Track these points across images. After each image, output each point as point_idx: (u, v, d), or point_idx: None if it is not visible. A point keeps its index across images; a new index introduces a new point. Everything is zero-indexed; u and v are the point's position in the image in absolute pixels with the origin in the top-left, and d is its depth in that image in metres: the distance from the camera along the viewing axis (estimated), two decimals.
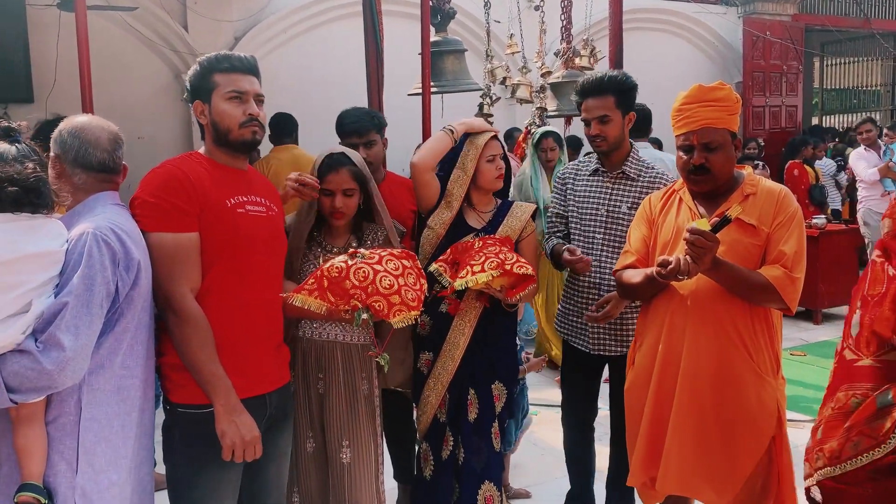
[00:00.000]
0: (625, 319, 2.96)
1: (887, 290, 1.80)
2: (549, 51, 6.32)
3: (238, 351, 2.13)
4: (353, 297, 2.22)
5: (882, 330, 1.79)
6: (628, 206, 2.94)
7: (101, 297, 1.81)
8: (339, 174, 2.61)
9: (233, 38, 7.50)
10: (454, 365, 2.87)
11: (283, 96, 7.16)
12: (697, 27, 10.38)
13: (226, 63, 2.17)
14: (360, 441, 2.64)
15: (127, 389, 1.93)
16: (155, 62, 7.29)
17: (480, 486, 2.88)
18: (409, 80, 4.86)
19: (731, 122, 2.45)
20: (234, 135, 2.16)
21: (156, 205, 2.04)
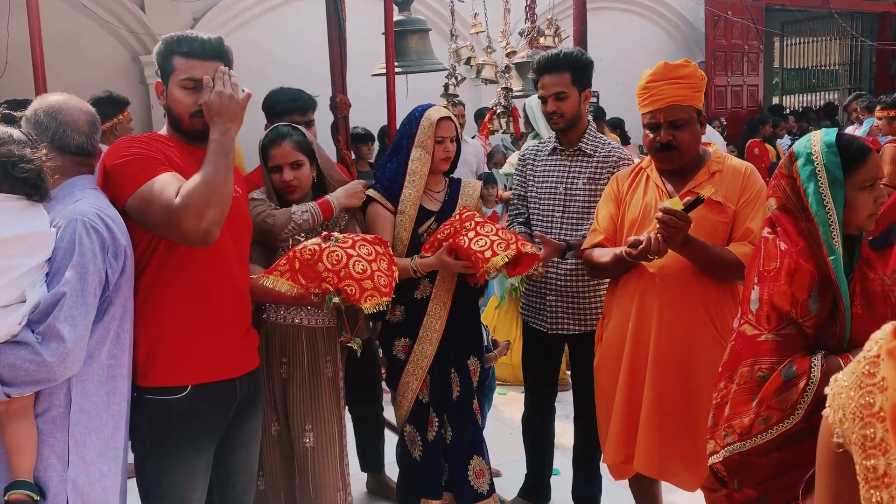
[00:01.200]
0: (583, 299, 2.99)
1: (781, 265, 1.85)
2: (514, 30, 6.29)
3: (207, 334, 2.10)
4: (325, 281, 2.20)
5: (781, 303, 1.83)
6: (584, 181, 2.95)
7: (95, 286, 1.77)
8: (282, 147, 2.59)
9: (191, 20, 7.34)
10: (433, 348, 2.90)
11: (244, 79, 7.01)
12: (660, 7, 10.43)
13: (186, 46, 2.07)
14: (323, 425, 2.63)
15: (115, 379, 1.90)
16: (111, 44, 7.12)
17: (469, 462, 2.93)
18: (372, 61, 4.80)
19: (696, 100, 2.47)
20: (184, 123, 2.10)
21: (128, 162, 1.95)
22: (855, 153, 1.83)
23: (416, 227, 2.91)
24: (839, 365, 1.74)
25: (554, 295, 3.00)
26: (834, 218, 1.80)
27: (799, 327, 1.83)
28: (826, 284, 1.81)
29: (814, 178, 1.82)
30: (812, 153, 1.84)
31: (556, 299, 3.00)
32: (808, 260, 1.82)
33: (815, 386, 1.76)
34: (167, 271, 2.04)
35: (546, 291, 3.01)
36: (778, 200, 1.92)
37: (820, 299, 1.82)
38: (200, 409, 2.10)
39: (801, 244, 1.84)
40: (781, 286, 1.84)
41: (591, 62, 3.01)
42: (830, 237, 1.80)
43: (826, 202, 1.81)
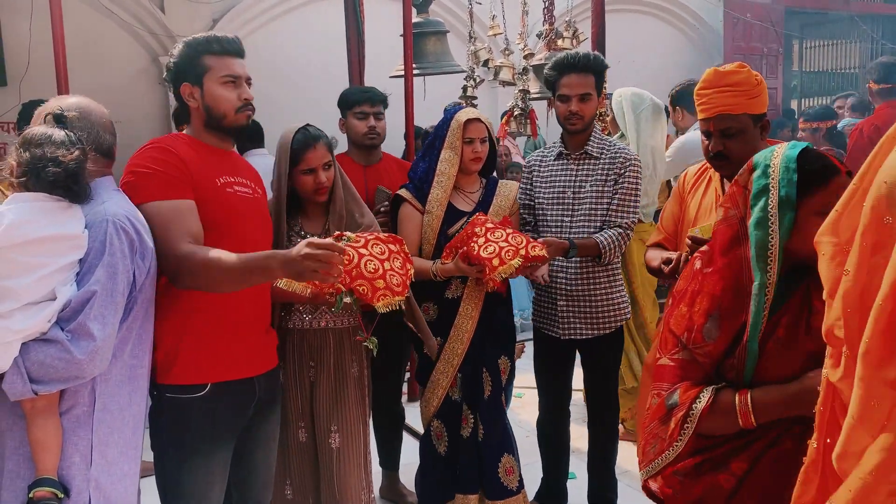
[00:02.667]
0: (594, 303, 2.99)
1: (687, 288, 1.74)
2: (532, 32, 6.28)
3: (227, 334, 2.12)
4: (338, 281, 2.20)
5: (675, 327, 1.72)
6: (591, 184, 2.94)
7: (123, 286, 1.80)
8: (317, 150, 2.59)
9: (210, 21, 7.38)
10: (464, 347, 2.95)
11: (262, 80, 7.05)
12: (678, 9, 10.37)
13: (216, 45, 2.13)
14: (348, 425, 2.64)
15: (137, 379, 1.93)
16: (132, 45, 7.16)
17: (500, 459, 2.98)
18: (390, 62, 4.81)
19: (752, 106, 2.33)
20: (229, 120, 2.14)
21: (151, 175, 2.00)
22: (817, 173, 1.61)
23: (446, 227, 2.95)
24: (732, 404, 1.60)
25: (565, 300, 2.99)
26: (775, 241, 1.60)
27: (692, 354, 1.68)
28: (737, 311, 1.64)
29: (765, 194, 1.63)
30: (770, 166, 1.65)
31: (567, 304, 2.99)
32: (721, 281, 1.66)
33: (695, 419, 1.62)
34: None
35: (557, 297, 3.01)
36: (724, 211, 1.74)
37: (721, 326, 1.65)
38: (219, 407, 2.12)
39: (719, 263, 1.68)
40: (681, 309, 1.72)
41: (608, 67, 3.02)
42: (760, 261, 1.61)
43: (770, 223, 1.61)
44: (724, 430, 1.64)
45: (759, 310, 1.60)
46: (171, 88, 2.20)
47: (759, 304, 1.60)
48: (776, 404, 1.58)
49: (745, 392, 1.61)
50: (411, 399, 4.75)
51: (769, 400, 1.59)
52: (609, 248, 2.87)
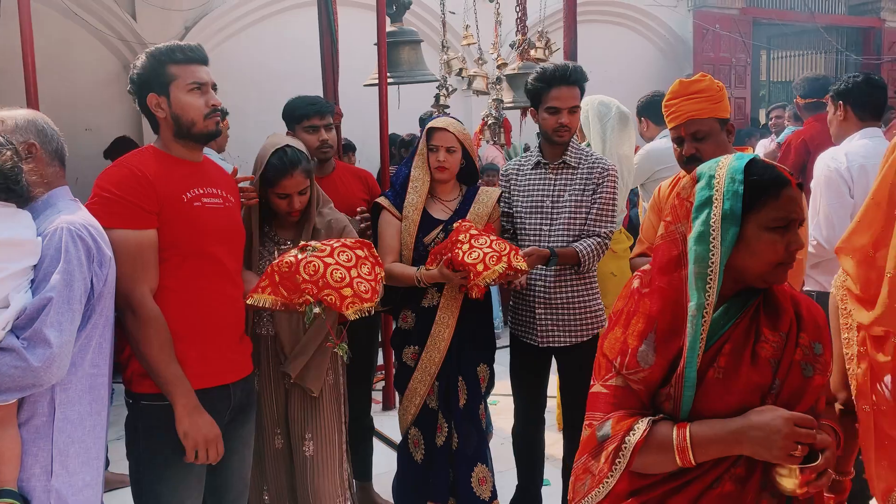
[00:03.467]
0: (572, 310, 3.01)
1: (623, 309, 1.59)
2: (505, 42, 6.33)
3: (201, 342, 2.12)
4: (305, 292, 2.20)
5: (609, 351, 1.56)
6: (570, 193, 2.97)
7: (80, 293, 1.78)
8: (294, 178, 2.54)
9: (183, 28, 7.34)
10: (441, 356, 2.95)
11: (236, 88, 7.04)
12: (649, 20, 10.51)
13: (180, 54, 2.13)
14: (322, 433, 2.63)
15: (97, 388, 1.91)
16: (102, 52, 7.10)
17: (473, 469, 2.97)
18: (364, 71, 4.83)
19: (717, 111, 2.48)
20: (198, 127, 2.14)
21: (116, 201, 2.01)
22: (766, 185, 1.47)
23: (421, 235, 2.96)
24: (669, 438, 1.45)
25: (543, 308, 3.01)
26: (716, 258, 1.46)
27: (626, 380, 1.53)
28: (674, 334, 1.50)
29: (707, 206, 1.49)
30: (714, 176, 1.51)
31: (546, 312, 3.01)
32: (659, 301, 1.52)
33: (628, 454, 1.45)
34: (162, 280, 2.08)
35: (535, 305, 3.02)
36: (666, 226, 1.59)
37: (658, 351, 1.50)
38: None
39: (658, 282, 1.54)
40: (616, 332, 1.57)
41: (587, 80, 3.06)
42: (699, 279, 1.47)
43: (712, 237, 1.46)
44: (659, 467, 1.49)
45: (697, 334, 1.45)
46: (135, 101, 2.19)
47: (696, 327, 1.45)
48: (717, 441, 1.43)
49: (685, 426, 1.46)
50: (385, 408, 4.75)
51: (710, 436, 1.44)
52: (588, 256, 2.89)
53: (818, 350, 1.54)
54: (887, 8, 12.19)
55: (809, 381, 1.50)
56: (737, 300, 1.54)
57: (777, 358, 1.50)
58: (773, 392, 1.48)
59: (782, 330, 1.52)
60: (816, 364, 1.52)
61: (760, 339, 1.50)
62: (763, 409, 1.43)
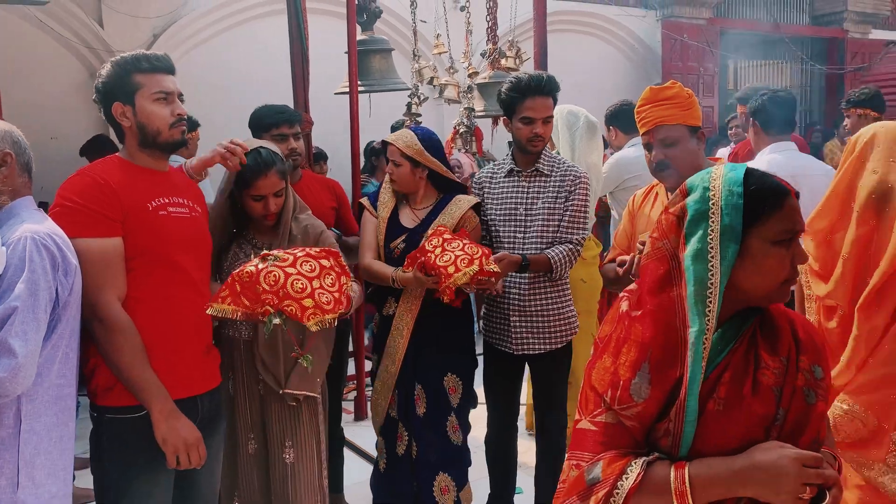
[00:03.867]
0: (546, 318, 3.02)
1: (612, 335, 1.46)
2: (476, 51, 6.36)
3: (167, 353, 2.09)
4: (265, 302, 2.16)
5: (598, 383, 1.43)
6: (543, 201, 2.99)
7: (45, 303, 1.77)
8: (269, 178, 2.53)
9: (151, 36, 7.27)
10: (396, 367, 2.96)
11: (205, 96, 6.98)
12: (618, 29, 10.63)
13: (146, 63, 2.12)
14: (302, 440, 2.61)
15: (64, 399, 1.89)
16: (69, 60, 7.00)
17: (435, 478, 2.98)
18: (335, 79, 4.82)
19: (686, 117, 2.50)
20: (164, 136, 2.13)
21: (78, 210, 1.99)
22: (767, 196, 1.36)
23: (388, 241, 2.99)
24: (666, 480, 1.32)
25: (518, 316, 3.02)
26: (716, 278, 1.34)
27: (618, 416, 1.39)
28: (670, 363, 1.37)
29: (703, 222, 1.37)
30: (710, 189, 1.38)
31: (520, 320, 3.01)
32: (652, 326, 1.39)
33: (621, 500, 1.32)
34: (129, 290, 2.05)
35: (510, 312, 3.03)
36: (652, 243, 1.47)
37: (653, 382, 1.37)
38: None
39: (649, 304, 1.42)
40: (604, 361, 1.44)
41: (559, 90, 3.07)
42: (698, 301, 1.34)
43: (711, 255, 1.35)
44: None
45: (698, 362, 1.33)
46: (101, 110, 2.17)
47: (696, 354, 1.33)
48: (719, 483, 1.31)
49: (683, 465, 1.33)
50: (357, 419, 4.72)
51: (711, 476, 1.31)
52: (560, 263, 2.91)
53: (819, 374, 1.42)
54: (850, 19, 12.46)
55: (812, 408, 1.39)
56: (732, 322, 1.42)
57: (779, 385, 1.38)
58: (777, 423, 1.37)
59: (782, 354, 1.41)
60: (818, 389, 1.41)
61: (761, 365, 1.39)
62: (768, 447, 1.32)
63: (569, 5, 9.92)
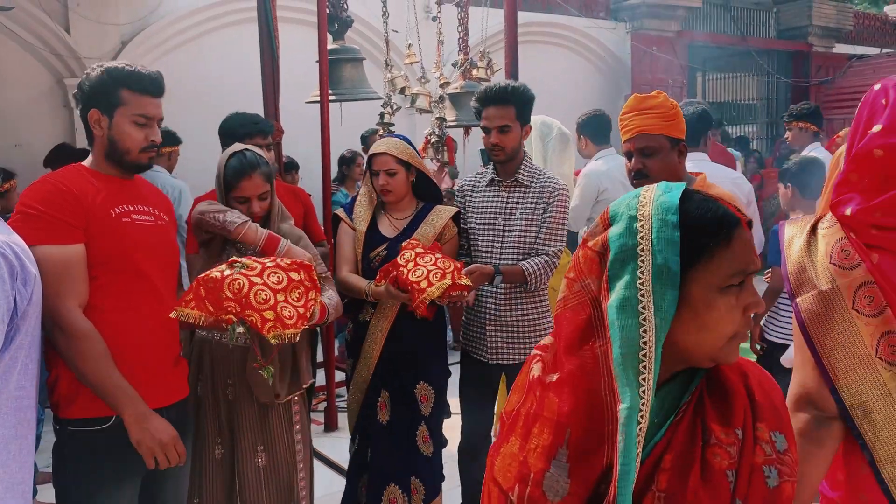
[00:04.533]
0: (521, 329, 3.02)
1: (518, 409, 1.16)
2: (447, 61, 6.37)
3: (132, 364, 2.06)
4: (228, 310, 2.13)
5: (502, 476, 1.13)
6: (521, 212, 2.99)
7: (2, 313, 1.71)
8: (253, 179, 2.50)
9: (119, 43, 7.18)
10: (369, 373, 2.97)
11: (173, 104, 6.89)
12: (588, 41, 10.73)
13: (138, 83, 2.09)
14: (274, 444, 2.58)
15: (24, 411, 1.83)
16: (34, 66, 6.89)
17: (385, 488, 2.94)
18: (306, 88, 4.79)
19: (668, 128, 2.47)
20: (131, 157, 2.11)
21: (38, 217, 1.95)
22: (711, 227, 1.05)
23: (367, 250, 2.98)
24: None
25: (494, 325, 3.02)
26: (650, 335, 1.02)
27: None
28: (596, 449, 1.06)
29: (631, 261, 1.05)
30: (637, 218, 1.07)
31: (496, 329, 3.02)
32: (570, 397, 1.08)
33: None
34: (92, 300, 2.02)
35: (486, 321, 3.03)
36: (569, 285, 1.15)
37: (573, 474, 1.05)
38: (126, 440, 2.04)
39: (566, 366, 1.10)
40: (512, 443, 1.14)
41: (534, 97, 3.04)
42: (628, 368, 1.02)
43: (642, 306, 1.03)
44: None
45: (631, 448, 0.99)
46: (78, 106, 2.14)
47: (629, 438, 1.00)
48: None
49: None
50: (327, 429, 4.68)
51: None
52: (535, 274, 2.91)
53: (781, 445, 1.10)
54: (814, 34, 12.72)
55: (777, 492, 1.07)
56: (672, 386, 1.12)
57: (734, 468, 1.06)
58: None
59: (736, 425, 1.08)
60: (782, 466, 1.09)
61: (710, 441, 1.07)
62: None
63: (539, 17, 10.01)
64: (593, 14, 10.85)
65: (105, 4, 7.03)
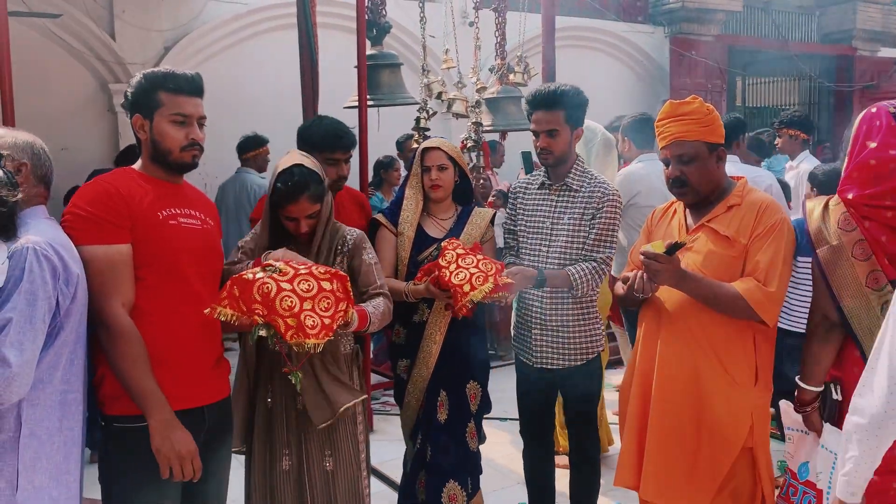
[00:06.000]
0: (566, 334, 2.99)
1: None
2: (484, 66, 6.39)
3: (172, 364, 2.10)
4: (255, 313, 2.14)
5: None
6: (570, 216, 2.96)
7: (44, 312, 1.79)
8: (300, 204, 2.48)
9: (162, 49, 7.33)
10: (428, 371, 3.01)
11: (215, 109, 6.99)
12: (626, 45, 10.67)
13: (172, 83, 2.14)
14: (340, 448, 2.61)
15: (69, 404, 1.91)
16: (80, 71, 7.07)
17: (445, 485, 2.99)
18: (344, 94, 4.84)
19: (705, 134, 2.44)
20: (173, 156, 2.15)
21: (86, 218, 2.01)
22: None
23: (416, 252, 3.02)
24: None
25: (539, 329, 3.01)
26: None
27: None
28: None
29: None
30: None
31: (541, 333, 3.00)
32: None
33: None
34: (136, 301, 2.07)
35: (532, 325, 3.03)
36: None
37: None
38: None
39: None
40: None
41: (587, 101, 3.00)
42: None
43: None
44: None
45: None
46: (129, 115, 2.21)
47: None
48: None
49: None
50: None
51: None
52: (580, 280, 2.87)
53: None
54: (859, 37, 12.47)
55: None
56: None
57: None
58: None
59: None
60: None
61: None
62: None
63: (577, 21, 9.97)
64: (632, 18, 10.78)
65: (149, 11, 7.18)
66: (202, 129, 2.21)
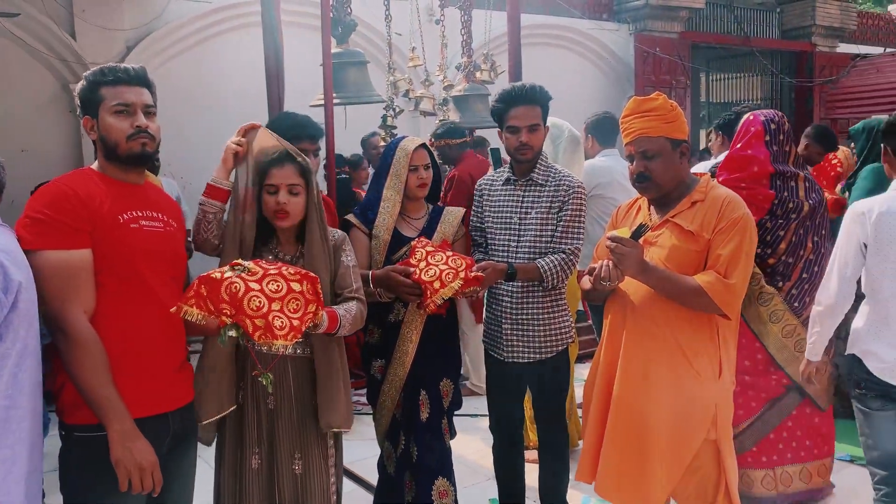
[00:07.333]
0: (536, 328, 3.01)
1: None
2: (451, 64, 6.39)
3: (136, 369, 2.05)
4: (222, 313, 2.10)
5: None
6: (537, 210, 2.99)
7: None
8: (284, 168, 2.48)
9: (124, 48, 7.23)
10: (405, 371, 2.99)
11: (179, 108, 6.94)
12: (591, 43, 10.75)
13: (111, 75, 2.10)
14: (310, 452, 2.57)
15: (9, 422, 1.78)
16: (40, 72, 6.94)
17: (434, 482, 2.99)
18: (310, 92, 4.81)
19: (669, 130, 2.47)
20: (122, 148, 2.09)
21: (42, 221, 1.95)
22: None
23: (391, 252, 3.00)
24: None
25: (510, 324, 3.02)
26: None
27: None
28: None
29: None
30: None
31: (512, 328, 3.02)
32: None
33: None
34: (96, 306, 2.01)
35: (502, 319, 3.04)
36: None
37: None
38: None
39: None
40: None
41: (551, 98, 3.06)
42: None
43: None
44: None
45: None
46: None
47: None
48: None
49: None
50: None
51: None
52: (551, 272, 2.90)
53: None
54: (818, 33, 12.72)
55: None
56: None
57: None
58: None
59: None
60: None
61: None
62: None
63: (543, 19, 10.03)
64: (596, 16, 10.88)
65: (110, 10, 7.08)
66: (152, 118, 2.14)
